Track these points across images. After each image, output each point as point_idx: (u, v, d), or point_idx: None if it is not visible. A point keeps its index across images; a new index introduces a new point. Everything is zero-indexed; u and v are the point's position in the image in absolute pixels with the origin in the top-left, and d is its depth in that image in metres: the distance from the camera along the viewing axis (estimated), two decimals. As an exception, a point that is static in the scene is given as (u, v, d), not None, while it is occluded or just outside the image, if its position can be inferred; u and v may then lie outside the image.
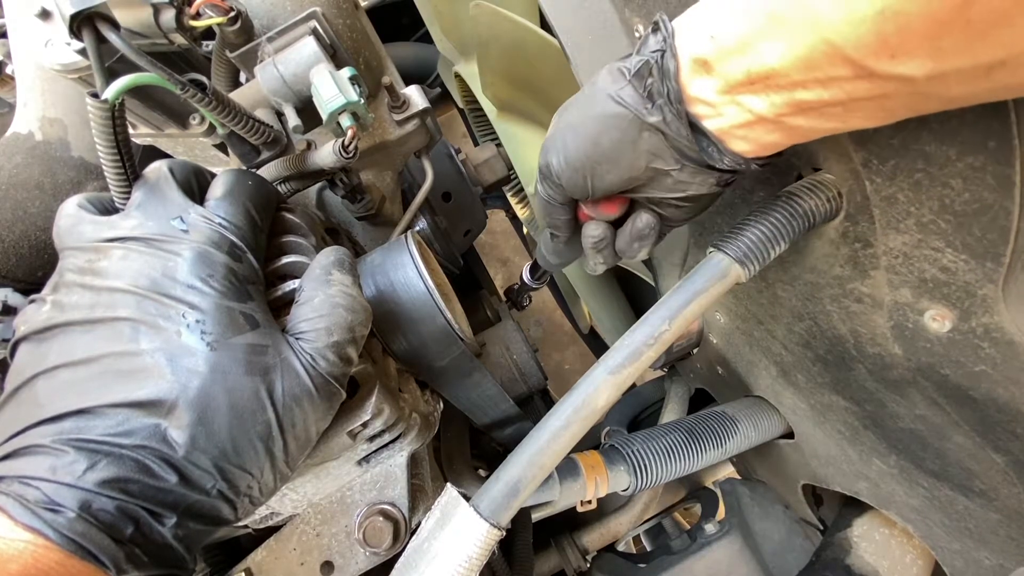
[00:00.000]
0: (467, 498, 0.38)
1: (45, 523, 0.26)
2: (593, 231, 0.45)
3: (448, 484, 0.40)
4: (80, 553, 0.26)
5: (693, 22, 0.31)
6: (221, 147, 0.54)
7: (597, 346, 1.43)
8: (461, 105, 1.16)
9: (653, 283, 0.78)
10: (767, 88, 0.29)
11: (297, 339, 0.33)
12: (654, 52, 0.33)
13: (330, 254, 0.37)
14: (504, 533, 0.37)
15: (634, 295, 1.05)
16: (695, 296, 0.38)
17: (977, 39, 0.22)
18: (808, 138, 0.32)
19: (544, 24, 0.65)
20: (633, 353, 0.39)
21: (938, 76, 0.24)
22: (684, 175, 0.36)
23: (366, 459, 0.45)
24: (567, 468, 0.59)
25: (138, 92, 0.46)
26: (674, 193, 0.38)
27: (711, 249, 0.41)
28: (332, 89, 0.40)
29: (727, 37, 0.29)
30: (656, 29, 0.33)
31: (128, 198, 0.33)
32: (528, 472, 0.38)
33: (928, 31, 0.23)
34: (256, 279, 0.34)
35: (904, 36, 0.23)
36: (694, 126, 0.33)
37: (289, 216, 0.40)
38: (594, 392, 0.38)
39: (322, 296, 0.34)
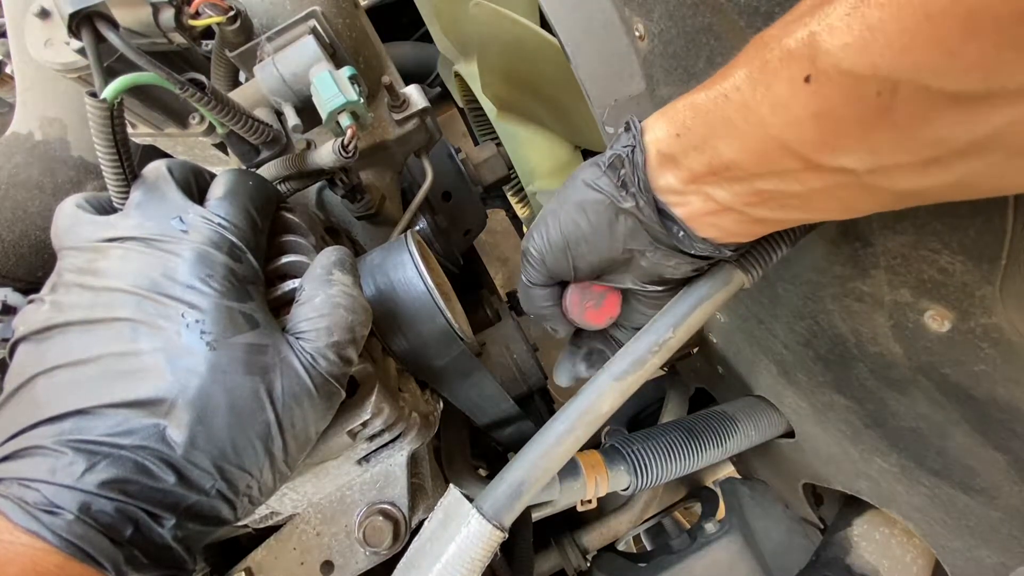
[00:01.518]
0: (470, 499, 0.38)
1: (44, 526, 0.25)
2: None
3: (451, 485, 0.40)
4: (79, 556, 0.26)
5: (660, 121, 0.35)
6: (220, 147, 0.54)
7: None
8: (461, 104, 1.16)
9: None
10: (728, 179, 0.32)
11: (297, 339, 0.33)
12: (626, 147, 0.36)
13: (331, 254, 0.36)
14: (507, 535, 0.37)
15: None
16: (699, 303, 0.39)
17: (906, 138, 0.24)
18: (778, 228, 0.36)
19: (544, 24, 0.65)
20: (638, 360, 0.39)
21: (879, 169, 0.26)
22: (658, 256, 0.38)
23: (366, 458, 0.45)
24: (567, 468, 0.59)
25: (137, 91, 0.46)
26: (650, 276, 0.40)
27: None
28: (331, 88, 0.40)
29: (690, 136, 0.32)
30: (628, 128, 0.37)
31: (127, 198, 0.33)
32: (532, 475, 0.39)
33: (860, 131, 0.24)
34: (256, 279, 0.34)
35: (839, 135, 0.25)
36: (665, 212, 0.36)
37: (289, 216, 0.40)
38: (598, 398, 0.39)
39: (323, 296, 0.34)
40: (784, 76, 0.26)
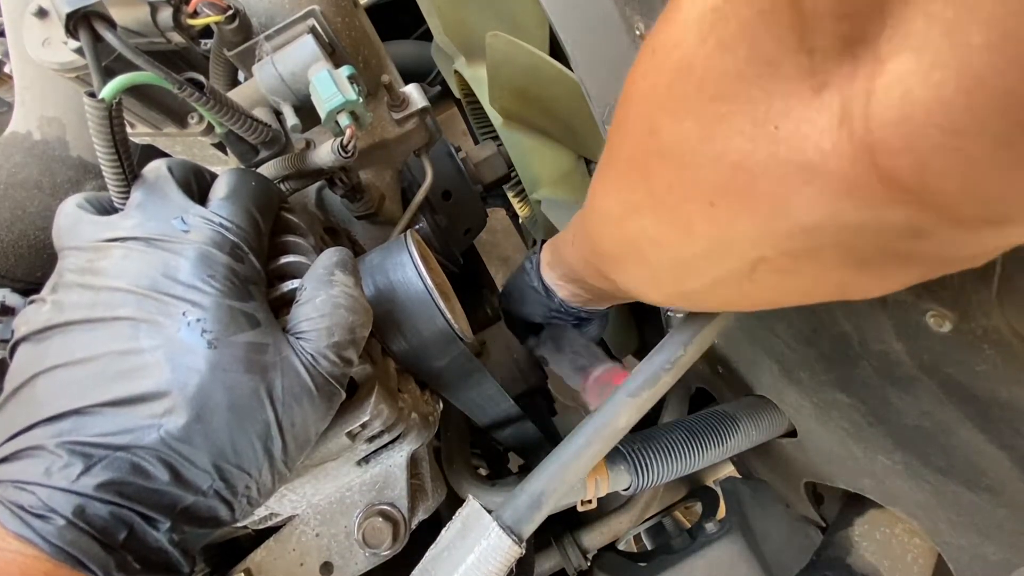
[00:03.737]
0: (489, 511, 0.39)
1: (34, 531, 0.25)
2: None
3: (470, 496, 0.41)
4: (69, 562, 0.25)
5: (549, 242, 0.59)
6: (219, 146, 0.54)
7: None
8: (458, 96, 1.15)
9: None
10: (574, 281, 0.56)
11: (298, 338, 0.33)
12: (535, 253, 0.61)
13: (333, 255, 0.36)
14: (524, 551, 0.38)
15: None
16: (707, 322, 0.42)
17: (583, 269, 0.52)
18: (617, 301, 0.61)
19: (554, 54, 0.66)
20: (651, 377, 0.42)
21: (622, 285, 0.43)
22: (557, 315, 0.62)
23: (365, 460, 0.44)
24: (568, 467, 0.59)
25: (136, 91, 0.45)
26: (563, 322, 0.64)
27: None
28: (330, 88, 0.40)
29: (556, 255, 0.56)
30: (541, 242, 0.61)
31: (127, 198, 0.33)
32: (551, 487, 0.41)
33: (603, 269, 0.45)
34: (258, 279, 0.34)
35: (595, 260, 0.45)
36: (551, 291, 0.59)
37: (289, 216, 0.40)
38: (615, 414, 0.42)
39: (324, 296, 0.34)
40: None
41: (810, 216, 0.22)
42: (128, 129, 0.49)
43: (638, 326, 1.07)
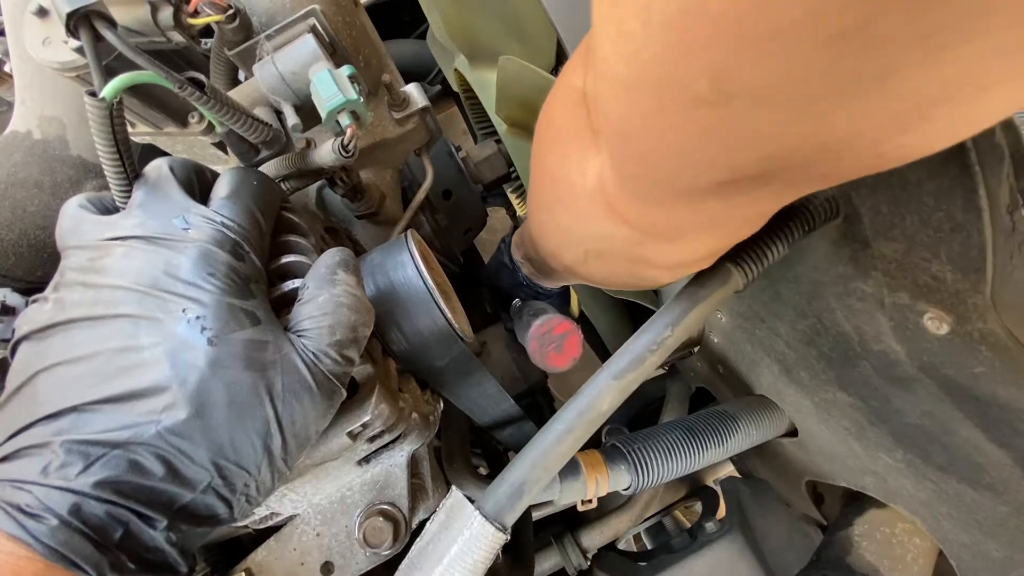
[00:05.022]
0: (471, 500, 0.38)
1: (27, 532, 0.25)
2: None
3: (453, 487, 0.40)
4: (62, 563, 0.25)
5: (521, 227, 0.64)
6: (220, 146, 0.54)
7: (588, 335, 1.43)
8: (456, 90, 1.15)
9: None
10: (530, 260, 0.62)
11: (299, 336, 0.33)
12: (510, 235, 0.68)
13: (335, 254, 0.36)
14: (508, 537, 0.37)
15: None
16: (696, 303, 0.39)
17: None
18: (577, 281, 0.62)
19: (561, 59, 0.66)
20: (637, 359, 0.39)
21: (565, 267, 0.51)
22: (520, 288, 0.67)
23: (366, 459, 0.45)
24: (568, 467, 0.59)
25: (137, 90, 0.45)
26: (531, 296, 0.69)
27: None
28: (331, 87, 0.40)
29: (520, 237, 0.64)
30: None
31: (128, 197, 0.33)
32: (533, 475, 0.39)
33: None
34: (259, 277, 0.34)
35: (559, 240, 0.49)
36: (518, 267, 0.65)
37: (290, 215, 0.40)
38: (598, 397, 0.39)
39: (326, 295, 0.34)
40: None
41: (597, 225, 0.36)
42: (129, 128, 0.49)
43: (633, 320, 1.07)
